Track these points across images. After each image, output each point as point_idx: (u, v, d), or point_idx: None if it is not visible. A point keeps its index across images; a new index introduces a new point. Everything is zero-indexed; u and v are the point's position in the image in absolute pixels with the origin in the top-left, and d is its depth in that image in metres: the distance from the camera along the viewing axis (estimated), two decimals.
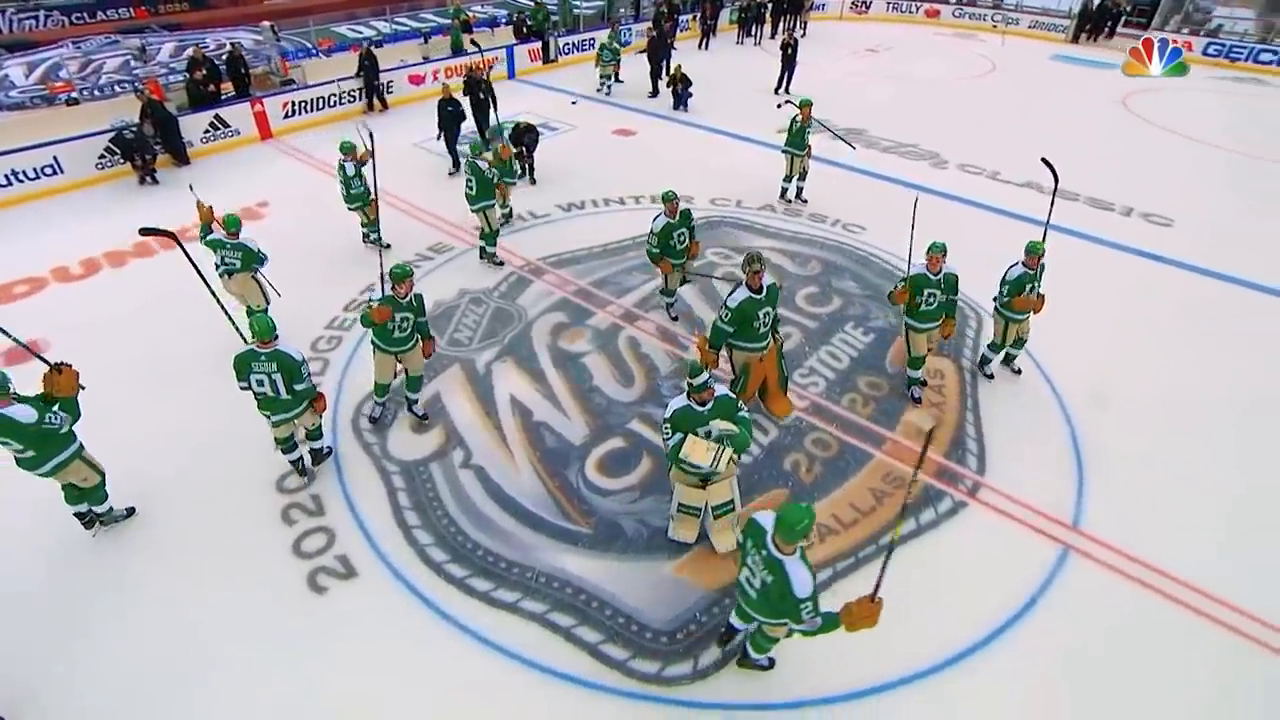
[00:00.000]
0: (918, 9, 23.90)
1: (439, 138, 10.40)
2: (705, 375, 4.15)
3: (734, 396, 4.37)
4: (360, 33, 17.18)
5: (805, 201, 9.89)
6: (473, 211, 7.81)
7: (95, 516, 4.80)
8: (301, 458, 5.22)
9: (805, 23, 20.71)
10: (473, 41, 12.53)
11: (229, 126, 11.35)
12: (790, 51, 14.60)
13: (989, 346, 6.42)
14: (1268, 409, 6.23)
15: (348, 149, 7.67)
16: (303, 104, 12.18)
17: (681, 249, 6.75)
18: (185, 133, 10.69)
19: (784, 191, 9.89)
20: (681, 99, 13.73)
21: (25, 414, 4.07)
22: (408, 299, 5.22)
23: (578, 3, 18.00)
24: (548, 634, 4.27)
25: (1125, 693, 4.04)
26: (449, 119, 10.09)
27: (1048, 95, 16.02)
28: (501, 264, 8.16)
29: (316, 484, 5.23)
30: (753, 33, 20.16)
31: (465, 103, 10.61)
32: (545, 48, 15.38)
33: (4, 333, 4.28)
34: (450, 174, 10.53)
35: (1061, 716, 3.96)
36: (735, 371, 5.57)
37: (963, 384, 6.45)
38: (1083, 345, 6.89)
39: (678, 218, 6.56)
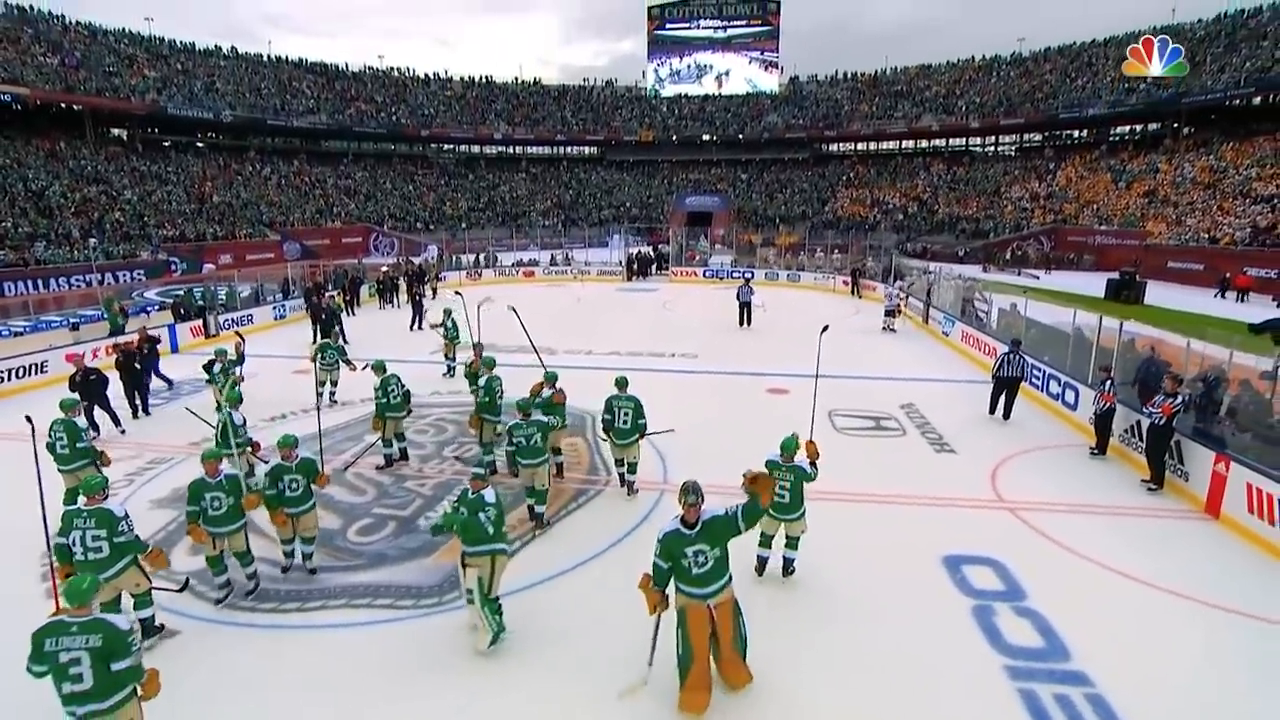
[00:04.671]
0: (518, 272, 31.79)
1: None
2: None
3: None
4: None
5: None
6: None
7: None
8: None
9: (435, 288, 26.02)
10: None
11: None
12: (419, 298, 19.47)
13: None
14: (753, 414, 11.20)
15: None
16: None
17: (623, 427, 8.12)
18: None
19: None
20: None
21: None
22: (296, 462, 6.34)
23: (240, 288, 20.30)
24: (359, 610, 6.11)
25: None
26: (93, 386, 10.72)
27: (619, 309, 23.33)
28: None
29: None
30: (391, 300, 24.61)
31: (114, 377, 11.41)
32: (205, 325, 17.08)
33: None
34: (122, 432, 11.05)
35: None
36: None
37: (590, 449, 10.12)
38: (676, 413, 11.24)
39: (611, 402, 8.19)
